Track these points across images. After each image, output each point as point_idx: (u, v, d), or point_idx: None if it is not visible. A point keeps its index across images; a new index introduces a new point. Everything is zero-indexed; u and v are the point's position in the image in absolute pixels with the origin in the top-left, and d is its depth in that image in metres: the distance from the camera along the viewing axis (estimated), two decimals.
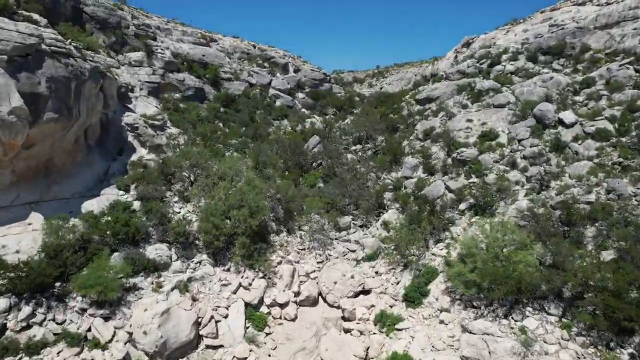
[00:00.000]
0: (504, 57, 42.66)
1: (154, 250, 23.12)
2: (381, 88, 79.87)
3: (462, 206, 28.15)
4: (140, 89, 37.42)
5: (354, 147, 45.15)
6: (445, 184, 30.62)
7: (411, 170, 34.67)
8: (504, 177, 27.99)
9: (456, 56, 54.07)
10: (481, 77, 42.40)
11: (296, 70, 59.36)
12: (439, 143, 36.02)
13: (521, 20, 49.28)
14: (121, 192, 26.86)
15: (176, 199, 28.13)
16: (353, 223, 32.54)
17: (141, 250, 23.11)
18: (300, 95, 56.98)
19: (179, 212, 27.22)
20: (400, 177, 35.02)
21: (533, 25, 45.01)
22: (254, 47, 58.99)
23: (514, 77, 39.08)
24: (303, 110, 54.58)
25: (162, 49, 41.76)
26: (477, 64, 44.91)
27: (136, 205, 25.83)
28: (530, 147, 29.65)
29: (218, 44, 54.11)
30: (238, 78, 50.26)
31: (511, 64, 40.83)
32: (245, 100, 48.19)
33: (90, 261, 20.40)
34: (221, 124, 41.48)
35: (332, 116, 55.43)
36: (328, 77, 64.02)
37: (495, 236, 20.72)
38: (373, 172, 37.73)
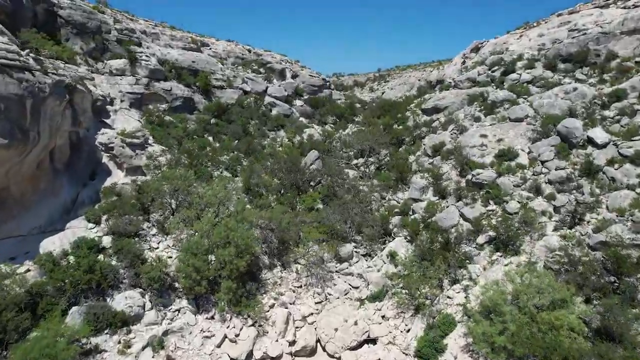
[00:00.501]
0: (519, 64, 39.01)
1: (124, 300, 19.51)
2: (383, 93, 76.26)
3: (481, 239, 24.54)
4: (121, 101, 33.76)
5: (355, 161, 41.59)
6: (459, 210, 27.01)
7: (420, 192, 31.06)
8: (528, 207, 24.39)
9: (464, 62, 50.41)
10: (494, 87, 38.77)
11: (294, 76, 55.69)
12: (450, 161, 32.40)
13: (534, 24, 45.62)
14: (90, 225, 23.25)
15: (154, 231, 24.49)
16: (355, 251, 28.96)
17: (108, 299, 19.53)
18: (298, 102, 53.31)
19: (157, 248, 23.63)
20: (408, 199, 31.40)
21: (549, 30, 41.35)
22: (249, 51, 55.31)
23: (531, 87, 35.44)
24: (301, 119, 50.91)
25: (147, 56, 38.08)
26: (489, 72, 41.27)
27: (106, 241, 22.22)
28: (556, 170, 26.05)
29: (210, 48, 50.42)
30: (231, 85, 46.59)
31: (527, 73, 37.17)
32: (238, 109, 44.53)
33: (41, 320, 16.82)
34: (211, 138, 37.82)
35: (331, 125, 51.83)
36: (327, 83, 60.35)
37: (527, 290, 17.11)
38: (377, 192, 34.15)
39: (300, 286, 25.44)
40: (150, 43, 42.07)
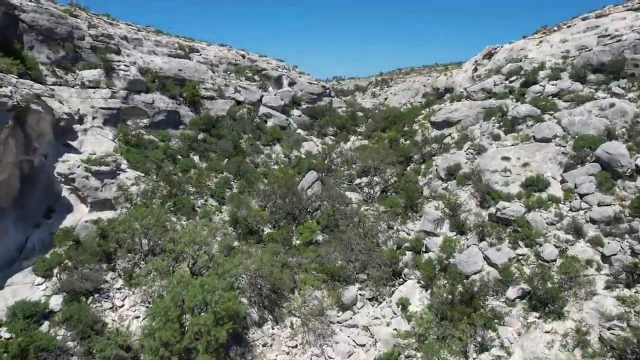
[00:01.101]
0: (541, 74, 34.55)
1: None
2: (385, 99, 71.88)
3: (511, 293, 20.20)
4: (93, 118, 29.35)
5: (358, 180, 37.26)
6: (483, 253, 22.64)
7: (434, 224, 26.68)
8: (570, 255, 20.02)
9: (476, 69, 45.95)
10: (513, 99, 34.34)
11: (291, 84, 51.21)
12: (468, 187, 28.05)
13: (555, 28, 41.13)
14: (38, 280, 18.89)
15: (120, 283, 20.15)
16: (360, 294, 24.64)
17: None
18: (295, 112, 48.87)
19: (122, 305, 19.30)
20: (420, 232, 27.02)
21: (574, 35, 36.91)
22: (243, 57, 50.77)
23: (557, 102, 31.00)
24: (299, 130, 46.49)
25: (126, 65, 33.64)
26: (507, 82, 36.81)
27: (55, 302, 17.92)
28: (599, 206, 21.71)
29: (200, 54, 45.91)
30: (222, 95, 42.15)
31: (552, 84, 32.71)
32: (230, 122, 40.12)
33: None
34: (197, 157, 33.43)
35: (332, 137, 47.40)
36: (327, 90, 55.87)
37: None
38: (383, 220, 29.83)
39: (296, 346, 21.09)
40: (132, 50, 37.59)
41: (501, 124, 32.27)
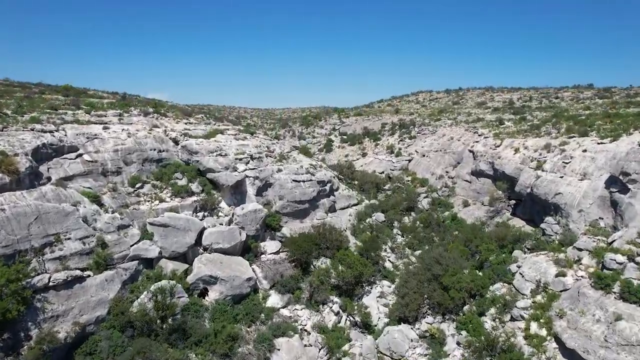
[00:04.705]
0: None
1: None
2: (410, 160, 48.03)
3: None
4: None
5: None
6: None
7: None
8: None
9: (623, 188, 22.36)
10: None
11: (264, 188, 27.72)
12: None
13: None
14: None
15: None
16: None
17: None
18: (269, 247, 25.54)
19: None
20: None
21: None
22: (177, 142, 27.04)
23: None
24: (272, 299, 23.21)
25: None
26: None
27: None
28: None
29: (80, 155, 22.28)
30: (108, 258, 18.86)
31: None
32: (104, 345, 16.95)
33: None
34: None
35: (334, 307, 24.02)
36: (329, 184, 32.17)
37: None
38: None
39: None
40: None
41: None
